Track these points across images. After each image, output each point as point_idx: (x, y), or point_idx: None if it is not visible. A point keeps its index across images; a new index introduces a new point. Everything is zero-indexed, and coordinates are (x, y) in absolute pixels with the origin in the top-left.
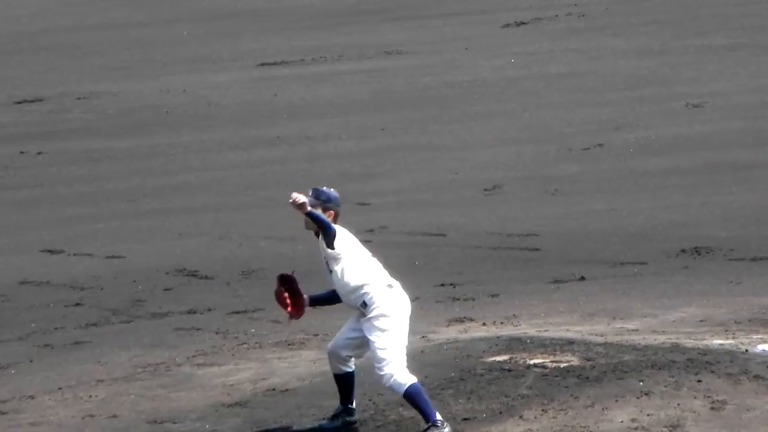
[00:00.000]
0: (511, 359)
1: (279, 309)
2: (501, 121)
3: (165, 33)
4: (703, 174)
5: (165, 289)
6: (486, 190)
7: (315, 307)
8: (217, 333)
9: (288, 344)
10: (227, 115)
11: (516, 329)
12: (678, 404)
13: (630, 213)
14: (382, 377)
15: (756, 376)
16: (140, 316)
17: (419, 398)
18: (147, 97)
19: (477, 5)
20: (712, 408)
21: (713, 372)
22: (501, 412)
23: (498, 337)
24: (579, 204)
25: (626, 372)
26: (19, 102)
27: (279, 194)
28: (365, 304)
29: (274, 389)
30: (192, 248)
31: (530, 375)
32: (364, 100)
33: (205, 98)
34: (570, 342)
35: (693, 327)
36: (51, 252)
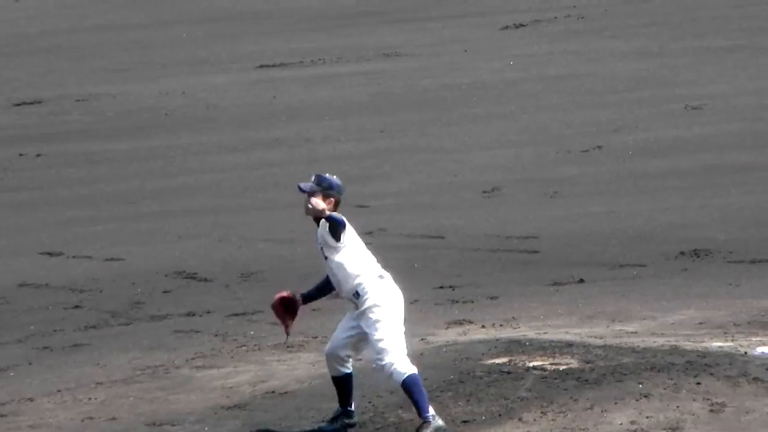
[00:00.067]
0: (511, 362)
1: (276, 320)
2: (500, 123)
3: (164, 35)
4: (702, 176)
5: (164, 292)
6: (485, 193)
7: (307, 304)
8: (216, 335)
9: (287, 347)
10: (226, 117)
11: (515, 332)
12: (677, 407)
13: (629, 215)
14: (383, 367)
15: (755, 379)
16: (139, 319)
17: (416, 390)
18: (146, 99)
19: (476, 7)
20: (711, 410)
21: (712, 374)
22: (500, 415)
23: (497, 340)
24: (578, 206)
25: (625, 374)
26: (18, 104)
27: (278, 196)
28: (358, 294)
29: (273, 392)
30: (191, 250)
31: (529, 377)
32: (363, 102)
33: (204, 100)
34: (569, 344)
35: (692, 329)
36: (50, 254)
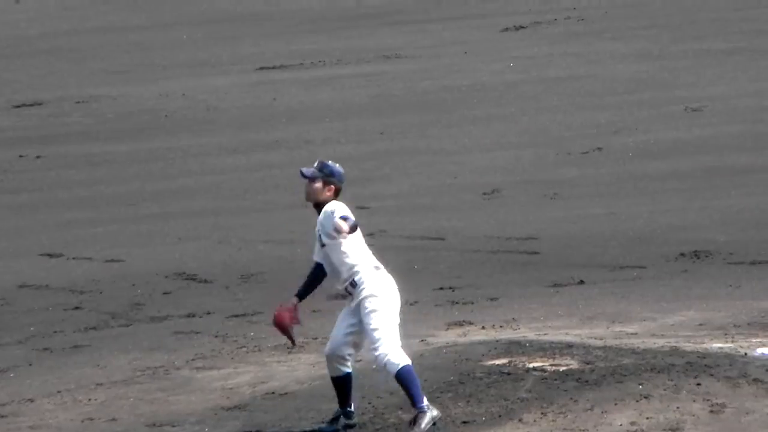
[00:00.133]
0: (511, 363)
1: (282, 335)
2: (500, 125)
3: (164, 37)
4: (702, 178)
5: (164, 293)
6: (485, 194)
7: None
8: (216, 336)
9: (287, 348)
10: (226, 119)
11: (515, 333)
12: (677, 407)
13: (629, 217)
14: (377, 357)
15: (755, 380)
16: (139, 320)
17: (410, 381)
18: (146, 101)
19: (476, 9)
20: (712, 411)
21: (712, 375)
22: (500, 416)
23: (497, 341)
24: (578, 208)
25: (625, 375)
26: (18, 106)
27: (278, 198)
28: (354, 284)
29: (273, 393)
30: (191, 252)
31: (529, 378)
32: (363, 104)
33: (204, 102)
34: (569, 345)
35: (692, 330)
36: (50, 256)
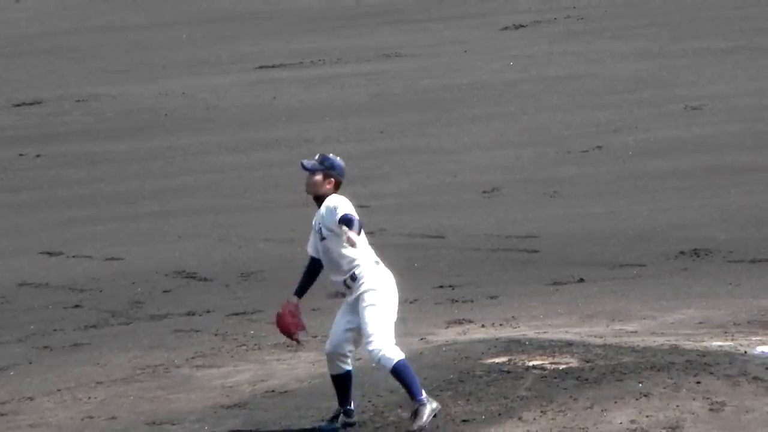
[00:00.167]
0: (510, 361)
1: (287, 338)
2: (500, 124)
3: (164, 36)
4: (702, 176)
5: (164, 291)
6: (485, 193)
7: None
8: (216, 335)
9: (287, 346)
10: (226, 118)
11: (515, 331)
12: (677, 406)
13: (629, 215)
14: (371, 352)
15: (755, 378)
16: (139, 318)
17: (407, 375)
18: (146, 100)
19: (476, 8)
20: (711, 409)
21: (712, 374)
22: (500, 414)
23: (497, 339)
24: (578, 206)
25: (625, 374)
26: (18, 105)
27: (278, 196)
28: (354, 277)
29: (273, 391)
30: (191, 250)
31: (529, 377)
32: (363, 103)
33: (204, 101)
34: (569, 344)
35: (692, 329)
36: (50, 254)
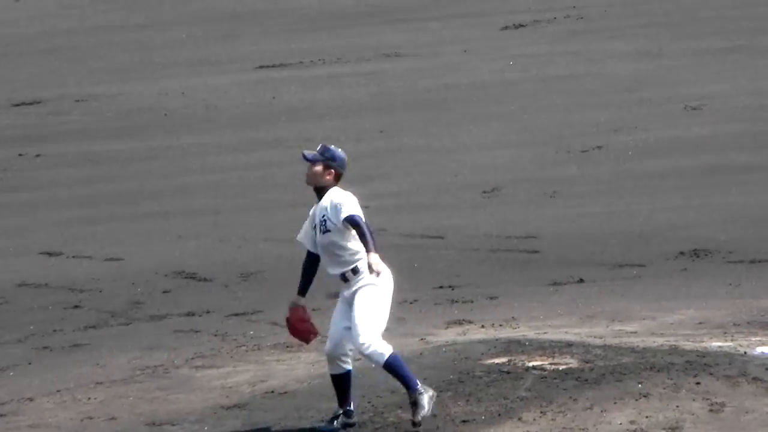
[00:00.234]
0: (510, 361)
1: (301, 340)
2: (500, 124)
3: (163, 35)
4: (702, 176)
5: (164, 292)
6: (485, 193)
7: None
8: (216, 335)
9: (286, 346)
10: (226, 118)
11: (515, 331)
12: (677, 406)
13: (629, 215)
14: (361, 346)
15: (755, 379)
16: (139, 319)
17: (400, 368)
18: (146, 100)
19: (475, 7)
20: (711, 410)
21: (712, 374)
22: (500, 415)
23: (497, 340)
24: (578, 206)
25: (625, 374)
26: (18, 104)
27: (278, 196)
28: (355, 271)
29: (273, 391)
30: (191, 250)
31: (529, 377)
32: (363, 103)
33: (204, 101)
34: (569, 344)
35: (692, 329)
36: (50, 254)
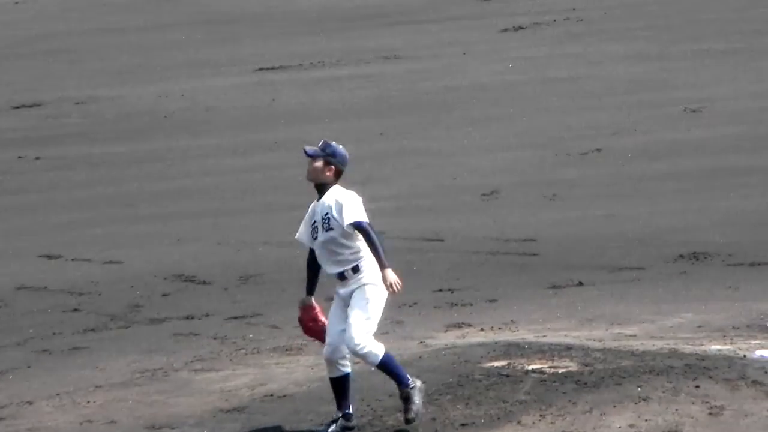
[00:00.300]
0: (509, 365)
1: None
2: (499, 126)
3: (163, 38)
4: (701, 179)
5: (163, 295)
6: (484, 195)
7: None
8: (215, 338)
9: (286, 350)
10: (225, 120)
11: (514, 335)
12: (676, 410)
13: (628, 218)
14: (357, 347)
15: (754, 382)
16: (138, 322)
17: (393, 366)
18: (145, 102)
19: (475, 10)
20: (710, 413)
21: (711, 377)
22: (499, 418)
23: (496, 343)
24: (577, 209)
25: (624, 377)
26: (17, 107)
27: (277, 199)
28: (356, 269)
29: (272, 395)
30: (190, 253)
31: (528, 380)
32: (363, 105)
33: (203, 103)
34: (568, 347)
35: (691, 332)
36: (49, 257)
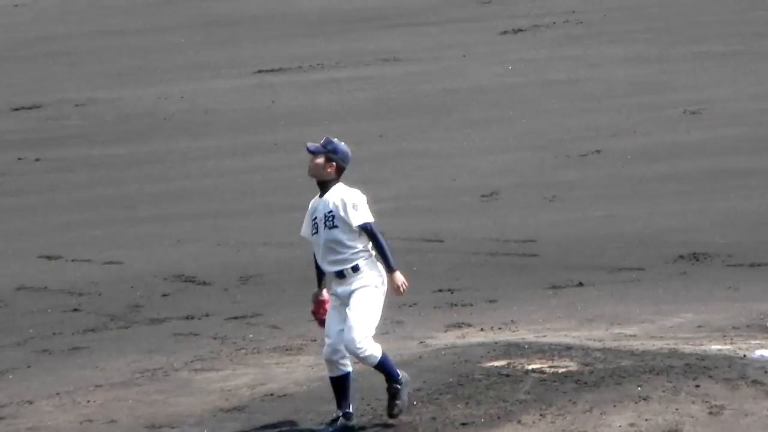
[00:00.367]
0: (509, 364)
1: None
2: (499, 128)
3: (162, 40)
4: (701, 180)
5: (163, 295)
6: (484, 197)
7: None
8: (215, 338)
9: (286, 349)
10: (225, 122)
11: (514, 335)
12: (676, 409)
13: (628, 219)
14: (357, 349)
15: (754, 381)
16: (138, 322)
17: (388, 365)
18: (145, 104)
19: (475, 12)
20: (710, 413)
21: (711, 377)
22: (499, 418)
23: (496, 343)
24: (577, 210)
25: (624, 377)
26: (17, 109)
27: (277, 200)
28: (356, 268)
29: (272, 394)
30: (190, 254)
31: (528, 380)
32: (362, 107)
33: (203, 105)
34: (568, 347)
35: (691, 332)
36: (49, 258)
